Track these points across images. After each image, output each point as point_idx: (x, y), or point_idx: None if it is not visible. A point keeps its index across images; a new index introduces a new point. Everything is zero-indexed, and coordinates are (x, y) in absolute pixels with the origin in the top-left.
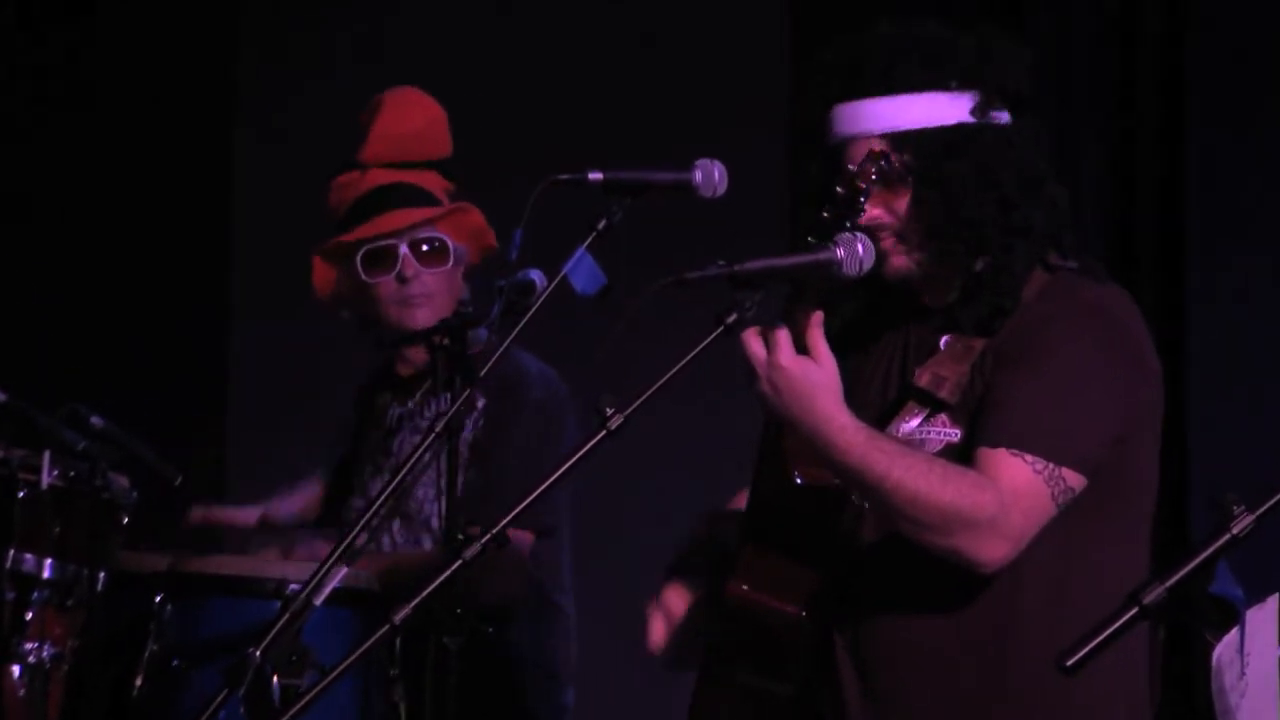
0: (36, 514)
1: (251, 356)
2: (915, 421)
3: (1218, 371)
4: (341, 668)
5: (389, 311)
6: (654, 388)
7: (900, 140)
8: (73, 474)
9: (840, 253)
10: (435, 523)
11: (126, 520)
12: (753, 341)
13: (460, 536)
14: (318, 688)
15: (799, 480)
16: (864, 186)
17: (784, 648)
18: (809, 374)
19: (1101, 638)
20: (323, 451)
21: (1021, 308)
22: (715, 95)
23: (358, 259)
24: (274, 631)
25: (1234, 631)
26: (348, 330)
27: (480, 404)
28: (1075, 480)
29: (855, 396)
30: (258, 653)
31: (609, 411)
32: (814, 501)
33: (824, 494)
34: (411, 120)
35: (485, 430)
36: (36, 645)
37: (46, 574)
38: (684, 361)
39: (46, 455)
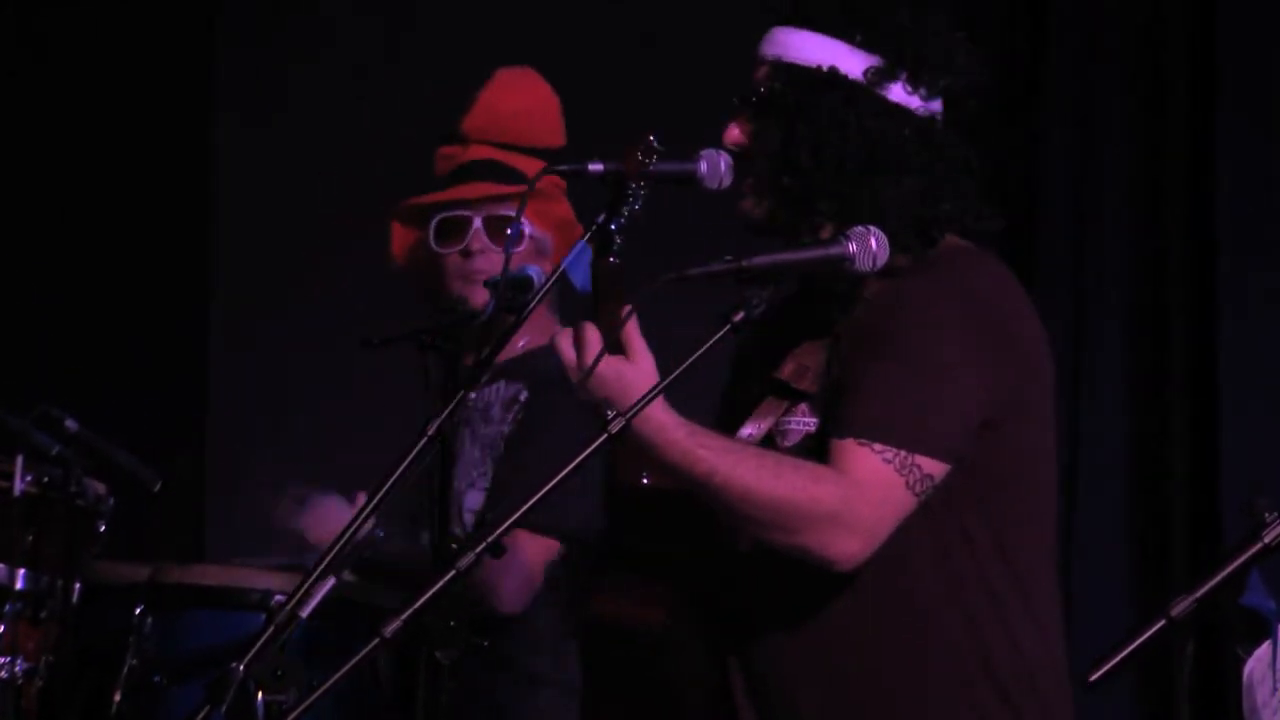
0: (8, 522)
1: (233, 357)
2: (774, 415)
3: (1249, 377)
4: (329, 684)
5: (452, 286)
6: (656, 389)
7: (780, 69)
8: (46, 480)
9: (852, 247)
10: (467, 517)
11: (103, 528)
12: (564, 345)
13: (453, 545)
14: (303, 705)
15: (645, 482)
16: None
17: (661, 664)
18: (622, 373)
19: (1125, 653)
20: (306, 454)
21: (877, 290)
22: (720, 89)
23: (431, 228)
24: (258, 645)
25: (1265, 645)
26: (331, 332)
27: (523, 397)
28: (934, 468)
29: (733, 399)
30: (241, 667)
31: (610, 414)
32: (670, 505)
33: (678, 497)
34: (515, 99)
35: (522, 425)
36: (8, 660)
37: (19, 585)
38: (688, 362)
39: (19, 460)
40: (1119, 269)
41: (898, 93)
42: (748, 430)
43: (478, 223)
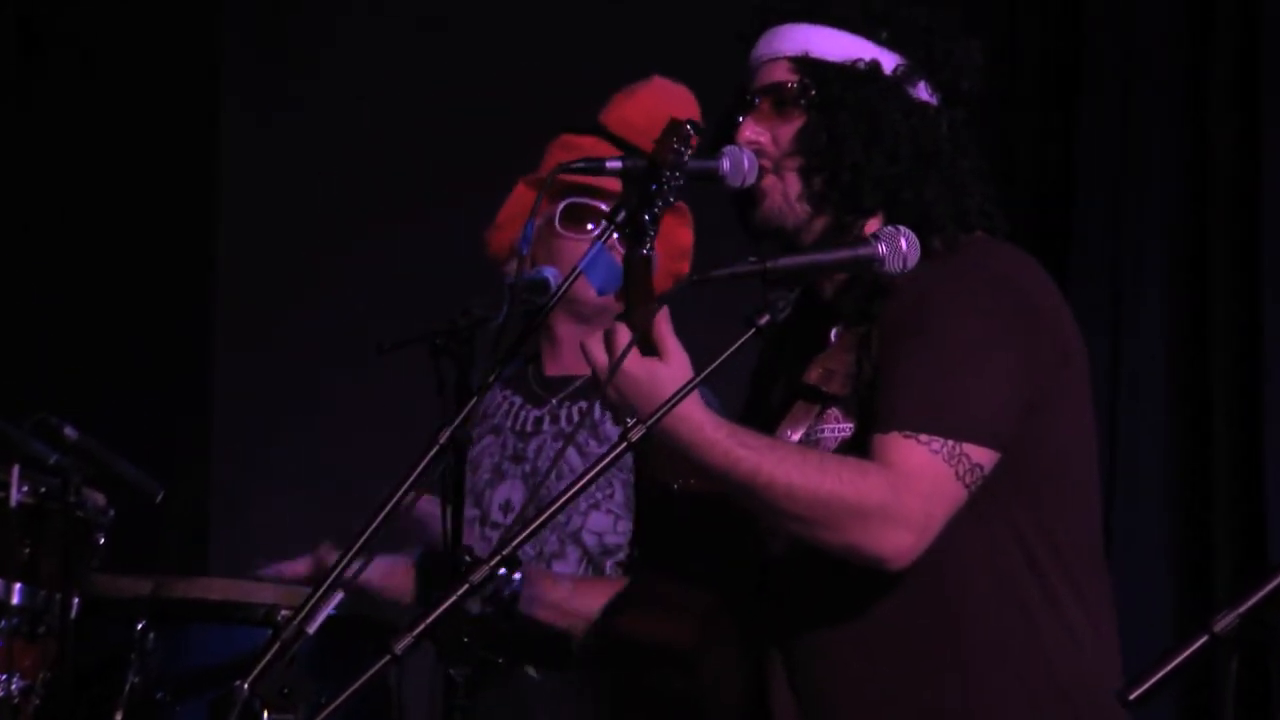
0: (4, 534)
1: (238, 362)
2: (806, 422)
3: None
4: (338, 702)
5: (567, 274)
6: (680, 394)
7: (807, 65)
8: (44, 490)
9: (882, 249)
10: (589, 539)
11: (103, 540)
12: (593, 348)
13: (467, 559)
14: None
15: (676, 488)
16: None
17: (686, 684)
18: (656, 374)
19: (1166, 670)
20: (314, 462)
21: (905, 284)
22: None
23: (560, 207)
24: (264, 662)
25: None
26: (338, 337)
27: None
28: (982, 456)
29: (759, 409)
30: (246, 685)
31: (630, 421)
32: (701, 511)
33: (711, 502)
34: (672, 109)
35: None
36: (4, 678)
37: (15, 600)
38: (711, 367)
39: (15, 469)
40: (1158, 265)
41: (922, 91)
42: None
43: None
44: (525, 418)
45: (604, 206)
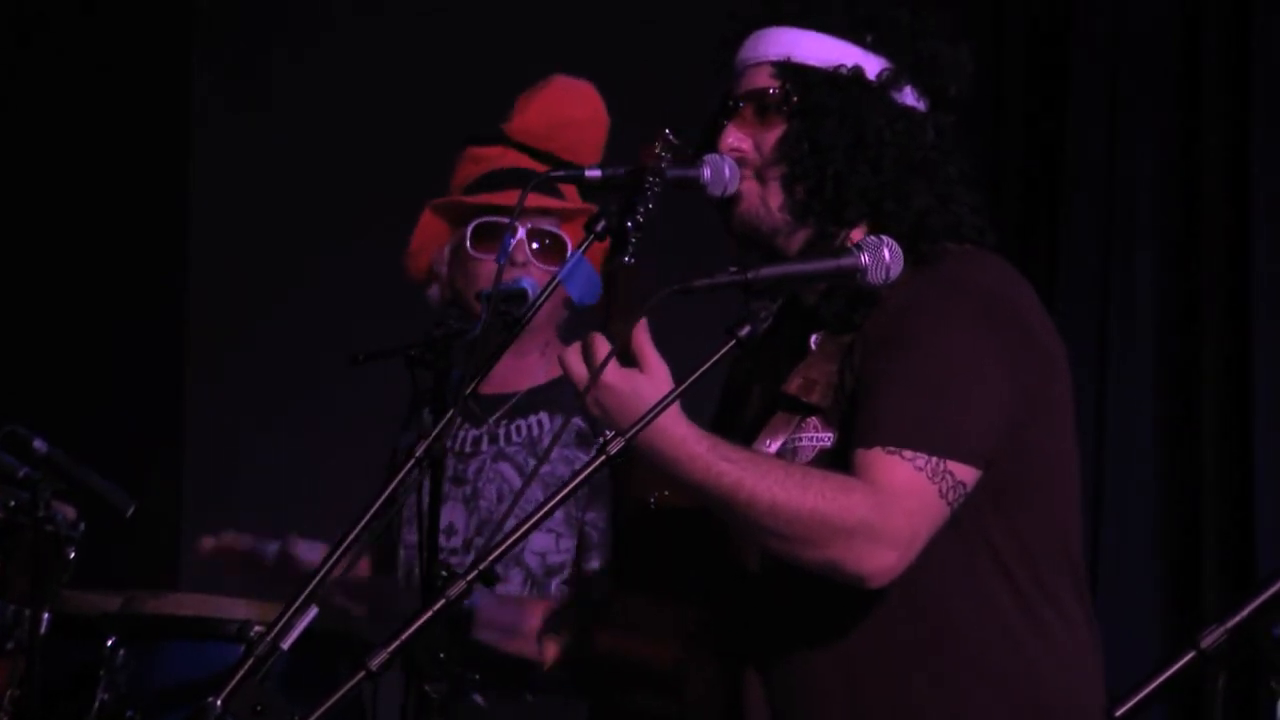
0: None
1: (210, 374)
2: (785, 432)
3: None
4: (313, 719)
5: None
6: (659, 406)
7: (789, 70)
8: (12, 504)
9: (865, 259)
10: (532, 560)
11: (73, 555)
12: (572, 360)
13: (444, 573)
14: None
15: (652, 503)
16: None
17: (669, 700)
18: (637, 387)
19: (1153, 687)
20: (286, 476)
21: (890, 294)
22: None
23: (469, 229)
24: (236, 679)
25: None
26: (312, 348)
27: (580, 426)
28: (965, 474)
29: (735, 417)
30: (218, 702)
31: (608, 434)
32: (679, 526)
33: (688, 516)
34: (572, 108)
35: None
36: None
37: None
38: (692, 378)
39: None
40: (1146, 278)
41: (908, 96)
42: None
43: (522, 233)
44: (464, 438)
45: (518, 224)
